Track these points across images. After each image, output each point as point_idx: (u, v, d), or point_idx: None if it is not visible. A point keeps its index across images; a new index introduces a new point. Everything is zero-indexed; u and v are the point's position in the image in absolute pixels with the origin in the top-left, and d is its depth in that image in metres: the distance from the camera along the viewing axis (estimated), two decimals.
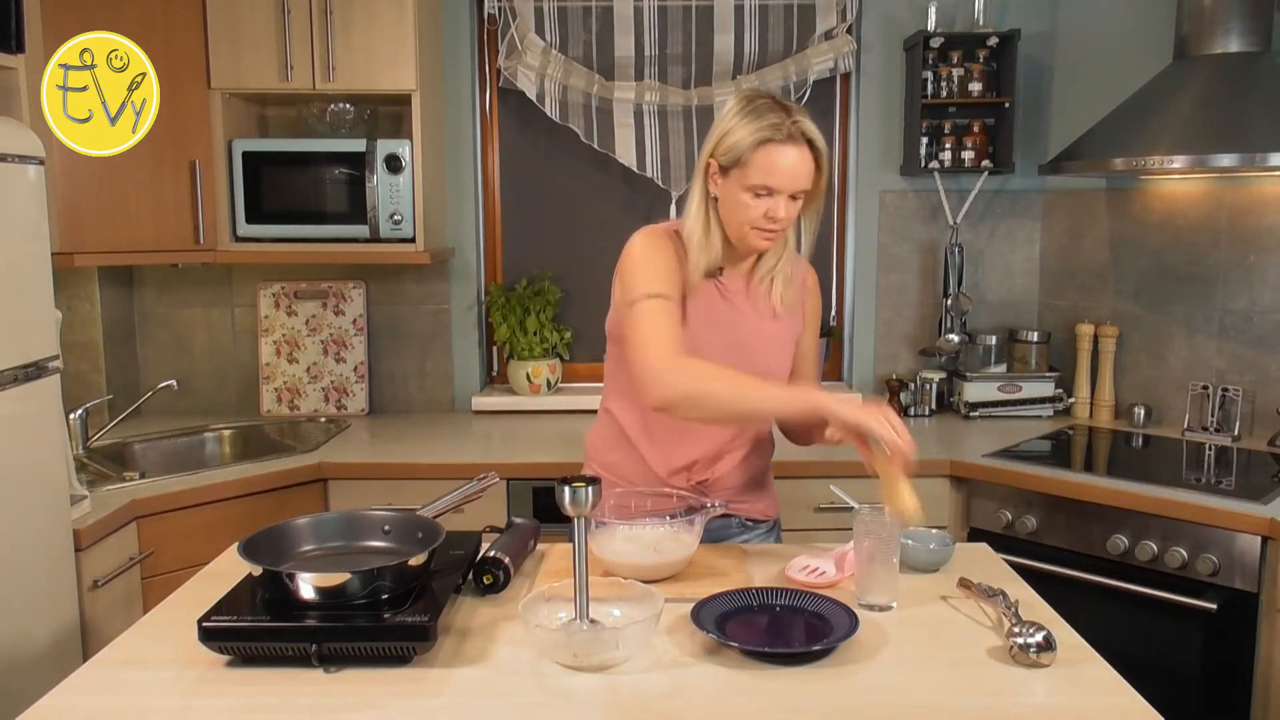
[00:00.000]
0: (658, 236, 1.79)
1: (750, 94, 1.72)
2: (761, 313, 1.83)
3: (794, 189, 1.69)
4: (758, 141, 1.66)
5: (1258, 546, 2.12)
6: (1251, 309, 2.75)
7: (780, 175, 1.66)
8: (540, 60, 3.07)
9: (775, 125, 1.65)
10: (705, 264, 1.77)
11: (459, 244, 3.17)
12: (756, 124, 1.66)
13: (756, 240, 1.74)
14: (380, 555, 1.53)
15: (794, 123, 1.66)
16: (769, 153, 1.66)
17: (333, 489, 2.61)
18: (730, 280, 1.82)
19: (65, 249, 2.55)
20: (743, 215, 1.70)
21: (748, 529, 1.94)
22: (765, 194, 1.68)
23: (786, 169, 1.66)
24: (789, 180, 1.67)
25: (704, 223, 1.76)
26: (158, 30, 2.62)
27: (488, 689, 1.30)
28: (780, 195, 1.68)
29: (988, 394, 3.03)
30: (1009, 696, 1.28)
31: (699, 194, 1.77)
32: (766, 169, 1.66)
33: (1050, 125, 3.09)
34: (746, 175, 1.68)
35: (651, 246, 1.77)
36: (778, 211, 1.68)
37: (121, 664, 1.38)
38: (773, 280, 1.82)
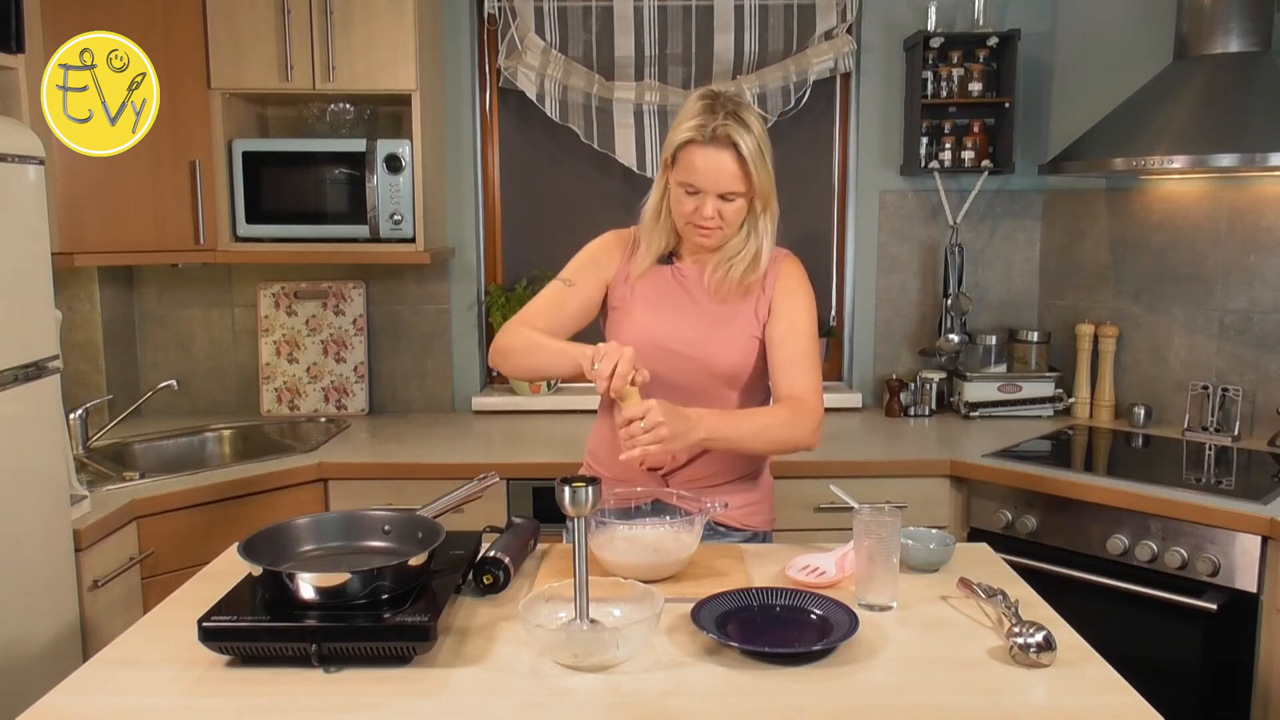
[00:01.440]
0: (613, 234, 1.95)
1: (705, 91, 1.77)
2: (712, 297, 1.85)
3: (717, 190, 1.73)
4: (683, 140, 1.73)
5: (1258, 546, 2.12)
6: (1251, 309, 2.75)
7: (700, 175, 1.72)
8: (540, 60, 3.07)
9: (699, 126, 1.71)
10: (655, 248, 1.86)
11: (459, 244, 3.17)
12: (689, 123, 1.73)
13: (694, 236, 1.81)
14: (380, 555, 1.53)
15: (719, 125, 1.70)
16: (690, 153, 1.73)
17: (333, 489, 2.61)
18: (685, 266, 1.88)
19: (65, 249, 2.55)
20: (679, 210, 1.79)
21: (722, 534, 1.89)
22: (694, 192, 1.75)
23: (704, 170, 1.72)
24: (709, 180, 1.72)
25: (657, 209, 1.85)
26: (158, 30, 2.62)
27: (488, 689, 1.30)
28: (706, 195, 1.73)
29: (988, 394, 3.03)
30: (1009, 696, 1.28)
31: (658, 182, 1.85)
32: (688, 167, 1.73)
33: (1050, 125, 3.09)
34: (677, 172, 1.76)
35: (598, 242, 1.94)
36: (704, 209, 1.74)
37: (121, 664, 1.38)
38: (731, 264, 1.82)
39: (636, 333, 1.83)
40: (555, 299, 1.88)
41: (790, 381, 1.79)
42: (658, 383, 1.81)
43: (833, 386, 3.27)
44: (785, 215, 1.86)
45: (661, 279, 1.88)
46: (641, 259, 1.88)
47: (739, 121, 1.71)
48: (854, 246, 3.22)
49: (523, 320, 1.85)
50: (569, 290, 1.88)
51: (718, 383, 1.84)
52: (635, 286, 1.88)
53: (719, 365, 1.83)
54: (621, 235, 1.95)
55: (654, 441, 1.56)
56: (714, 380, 1.84)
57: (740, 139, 1.70)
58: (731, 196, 1.74)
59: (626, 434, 1.58)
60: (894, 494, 2.52)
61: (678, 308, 1.86)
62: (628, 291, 1.89)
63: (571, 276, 1.90)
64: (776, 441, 1.78)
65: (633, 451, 1.57)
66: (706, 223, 1.76)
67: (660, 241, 1.87)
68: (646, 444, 1.56)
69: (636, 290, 1.88)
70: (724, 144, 1.70)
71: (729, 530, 1.90)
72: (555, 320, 1.86)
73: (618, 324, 1.88)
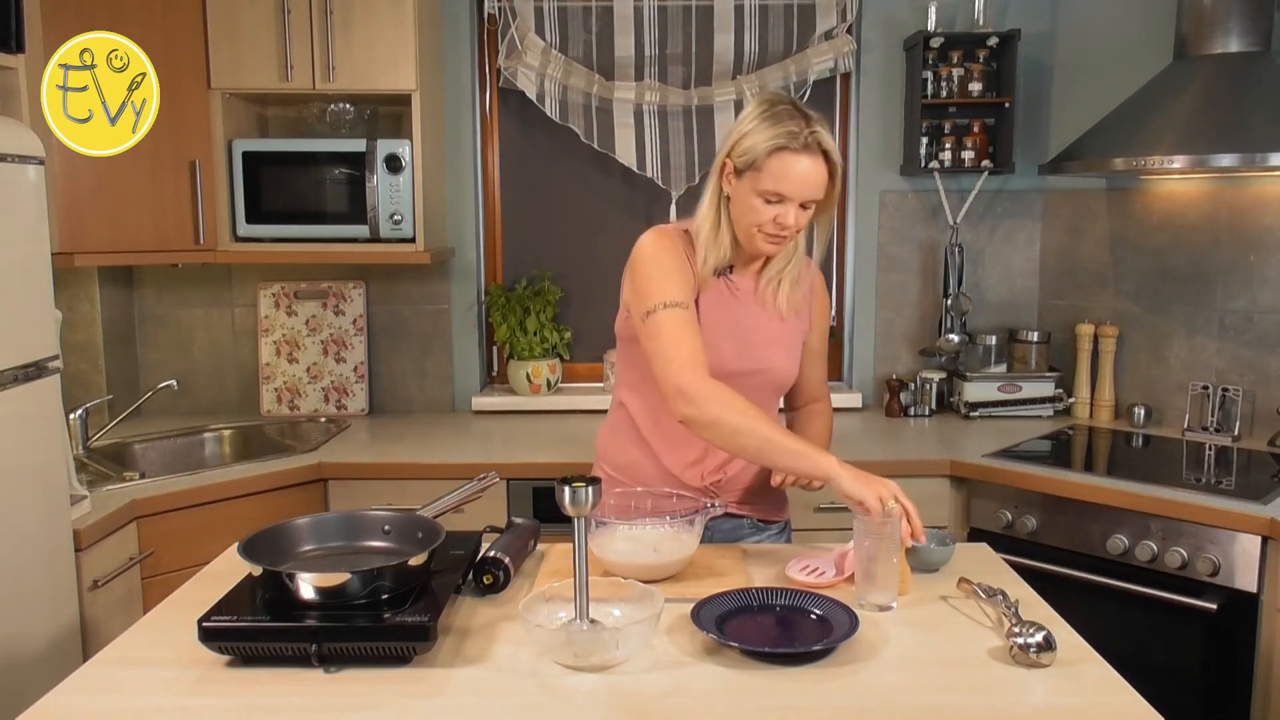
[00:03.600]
0: (667, 237, 1.80)
1: (772, 98, 1.73)
2: (769, 313, 1.84)
3: (805, 197, 1.70)
4: (773, 148, 1.66)
5: (1258, 546, 2.12)
6: (1251, 309, 2.75)
7: (792, 183, 1.67)
8: (540, 60, 3.07)
9: (793, 134, 1.66)
10: (714, 261, 1.79)
11: (459, 244, 3.17)
12: (774, 130, 1.67)
13: (763, 245, 1.75)
14: (380, 555, 1.53)
15: (811, 133, 1.67)
16: (783, 160, 1.66)
17: (333, 489, 2.61)
18: (739, 279, 1.84)
19: (65, 249, 2.55)
20: (752, 218, 1.72)
21: (760, 529, 1.94)
22: (776, 200, 1.69)
23: (799, 178, 1.67)
24: (801, 189, 1.68)
25: (714, 220, 1.78)
26: (158, 30, 2.62)
27: (488, 689, 1.30)
28: (791, 203, 1.69)
29: (988, 394, 3.03)
30: (1009, 696, 1.28)
31: (712, 191, 1.78)
32: (779, 176, 1.67)
33: (1050, 125, 3.09)
34: (759, 180, 1.69)
35: (663, 247, 1.78)
36: (787, 218, 1.70)
37: (121, 664, 1.38)
38: (780, 282, 1.83)
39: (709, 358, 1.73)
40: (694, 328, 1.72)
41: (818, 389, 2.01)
42: None
43: (833, 386, 3.25)
44: None
45: (719, 295, 1.82)
46: (701, 272, 1.79)
47: (825, 129, 1.69)
48: (854, 246, 3.22)
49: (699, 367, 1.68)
50: (690, 314, 1.73)
51: (773, 393, 1.90)
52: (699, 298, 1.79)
53: (780, 378, 1.88)
54: (680, 236, 1.81)
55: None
56: (772, 391, 1.89)
57: (829, 146, 1.69)
58: (810, 204, 1.72)
59: (917, 529, 1.60)
60: None
61: (738, 326, 1.82)
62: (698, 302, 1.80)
63: (680, 298, 1.73)
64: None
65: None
66: (784, 231, 1.72)
67: (720, 254, 1.79)
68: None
69: (699, 306, 1.79)
70: (816, 151, 1.68)
71: (766, 524, 1.95)
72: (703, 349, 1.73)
73: None
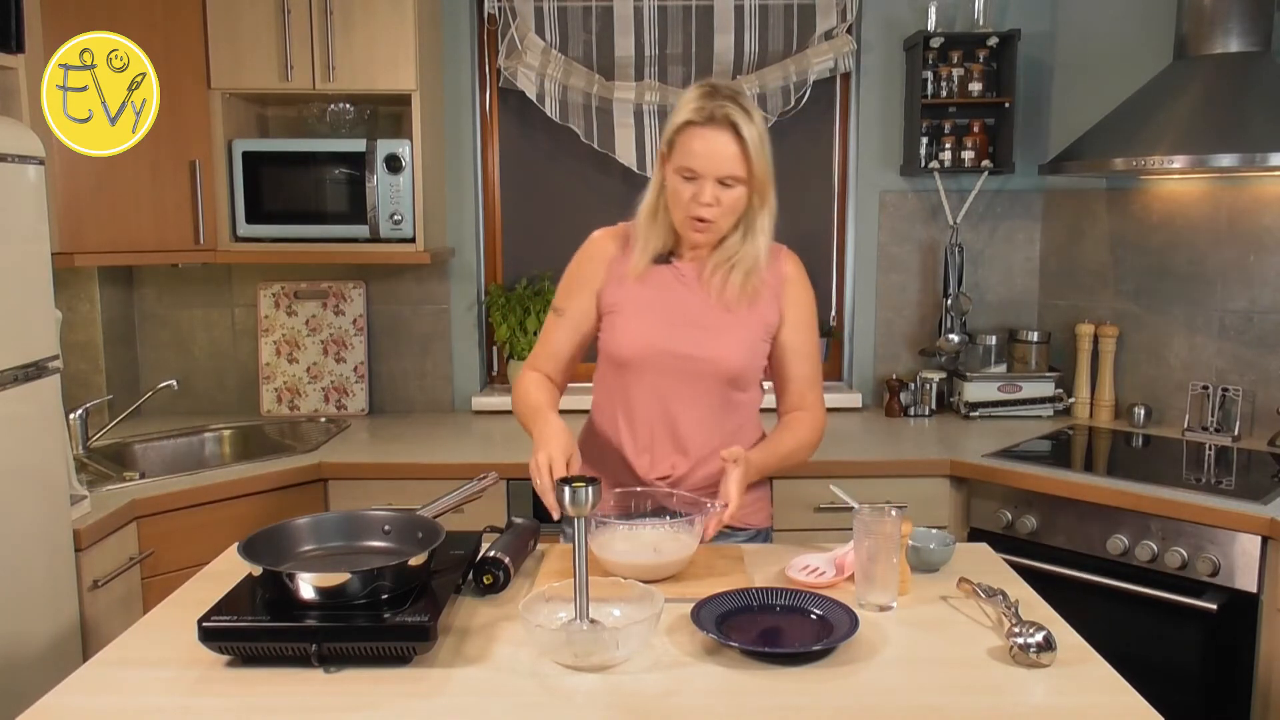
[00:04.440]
0: (595, 240, 1.90)
1: (701, 83, 1.76)
2: (714, 302, 1.81)
3: (715, 173, 1.69)
4: (681, 124, 1.70)
5: (1258, 546, 2.12)
6: (1251, 309, 2.75)
7: (699, 157, 1.69)
8: (540, 60, 3.07)
9: (698, 108, 1.69)
10: (653, 247, 1.82)
11: (459, 244, 3.17)
12: (687, 107, 1.71)
13: (689, 233, 1.76)
14: (380, 555, 1.53)
15: (718, 106, 1.68)
16: (689, 134, 1.70)
17: (333, 489, 2.61)
18: (684, 266, 1.84)
19: (65, 249, 2.55)
20: (676, 200, 1.74)
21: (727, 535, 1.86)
22: (690, 177, 1.70)
23: (704, 152, 1.68)
24: (708, 163, 1.68)
25: (653, 206, 1.81)
26: (158, 30, 2.62)
27: (488, 689, 1.30)
28: (704, 180, 1.69)
29: (988, 394, 3.03)
30: (1009, 696, 1.28)
31: (654, 179, 1.82)
32: (686, 150, 1.70)
33: (1050, 125, 3.09)
34: (674, 158, 1.72)
35: (581, 253, 1.89)
36: (702, 195, 1.70)
37: (121, 664, 1.38)
38: (731, 270, 1.79)
39: (635, 337, 1.81)
40: (551, 335, 1.89)
41: (803, 394, 1.88)
42: (661, 387, 1.81)
43: (833, 386, 3.27)
44: (785, 215, 1.84)
45: (660, 278, 1.83)
46: (638, 258, 1.82)
47: (739, 106, 1.69)
48: (854, 246, 3.22)
49: (530, 364, 1.89)
50: (562, 321, 1.87)
51: (721, 384, 1.83)
52: (631, 288, 1.83)
53: (725, 366, 1.81)
54: (612, 233, 1.90)
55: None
56: (718, 381, 1.82)
57: (740, 121, 1.68)
58: (730, 182, 1.70)
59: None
60: (894, 494, 2.52)
61: (680, 307, 1.81)
62: (623, 294, 1.83)
63: (560, 304, 1.88)
64: (802, 462, 1.88)
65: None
66: (704, 210, 1.71)
67: (658, 240, 1.82)
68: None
69: (633, 291, 1.83)
70: (723, 125, 1.68)
71: (732, 530, 1.88)
72: (558, 356, 1.88)
73: (613, 328, 1.83)
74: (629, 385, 1.84)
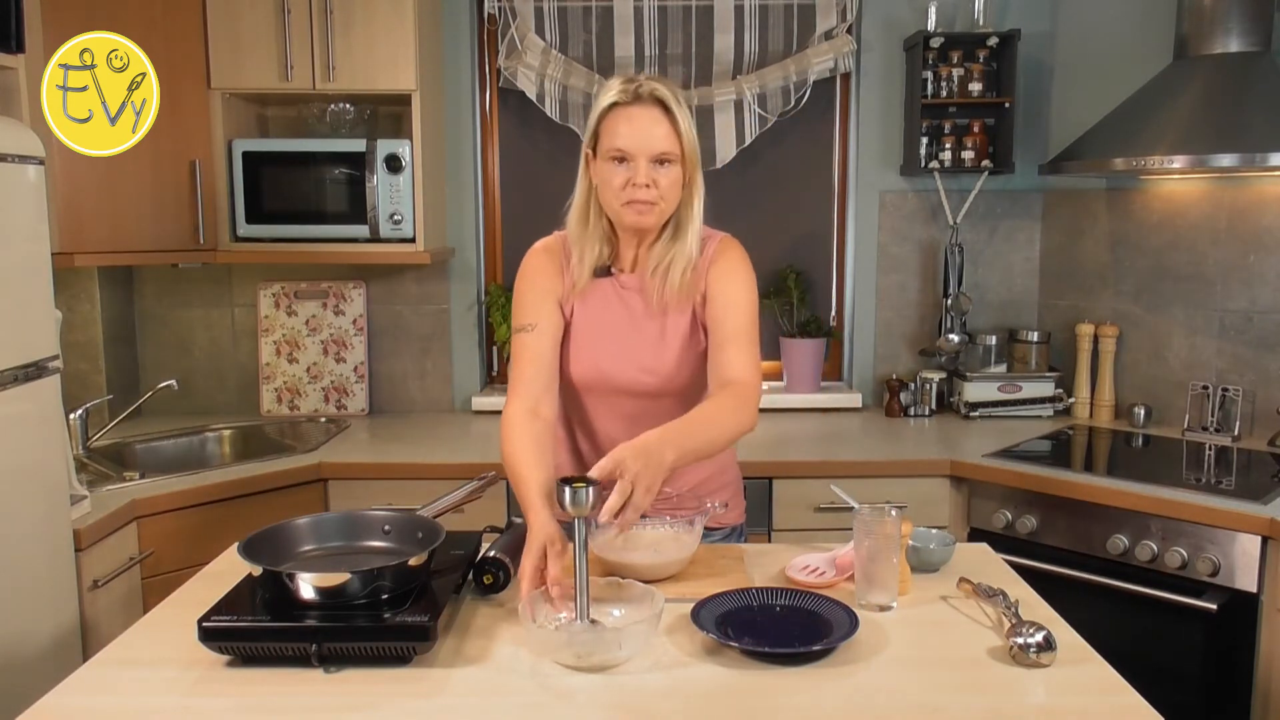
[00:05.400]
0: (546, 249, 1.82)
1: (621, 75, 1.73)
2: (652, 309, 1.77)
3: (649, 151, 1.65)
4: (606, 107, 1.68)
5: (1258, 546, 2.12)
6: (1251, 309, 2.75)
7: (629, 136, 1.65)
8: (540, 60, 3.07)
9: (622, 90, 1.67)
10: (590, 258, 1.76)
11: (459, 244, 3.17)
12: (609, 93, 1.69)
13: (629, 216, 1.69)
14: (380, 555, 1.53)
15: (640, 85, 1.66)
16: (616, 117, 1.67)
17: (333, 489, 2.61)
18: (625, 277, 1.79)
19: (65, 249, 2.54)
20: (609, 189, 1.69)
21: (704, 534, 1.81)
22: (621, 159, 1.67)
23: (635, 129, 1.65)
24: (640, 141, 1.65)
25: (583, 213, 1.77)
26: (158, 30, 2.62)
27: (488, 689, 1.30)
28: (638, 159, 1.65)
29: (988, 394, 3.03)
30: (1009, 696, 1.28)
31: (580, 184, 1.77)
32: (614, 131, 1.67)
33: (1050, 125, 3.09)
34: (603, 145, 1.69)
35: (528, 266, 1.81)
36: (637, 175, 1.65)
37: (121, 664, 1.38)
38: (669, 269, 1.74)
39: (587, 366, 1.77)
40: (529, 355, 1.74)
41: (727, 361, 1.71)
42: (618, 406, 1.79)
43: (833, 386, 3.27)
44: (785, 215, 1.84)
45: (602, 297, 1.78)
46: (577, 272, 1.76)
47: (664, 85, 1.68)
48: (854, 246, 3.22)
49: (514, 398, 1.71)
50: (536, 335, 1.75)
51: (672, 400, 1.79)
52: (575, 307, 1.78)
53: (678, 384, 1.79)
54: (549, 247, 1.82)
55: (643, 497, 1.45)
56: (675, 397, 1.79)
57: (666, 98, 1.66)
58: (664, 160, 1.66)
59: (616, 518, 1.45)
60: (894, 494, 2.52)
61: (626, 331, 1.77)
62: (568, 313, 1.79)
63: (528, 319, 1.76)
64: (731, 435, 1.67)
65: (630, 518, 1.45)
66: (641, 193, 1.66)
67: (594, 249, 1.76)
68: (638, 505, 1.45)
69: (577, 312, 1.78)
70: (650, 102, 1.66)
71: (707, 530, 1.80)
72: (544, 373, 1.74)
73: (565, 353, 1.79)
74: (586, 406, 1.83)
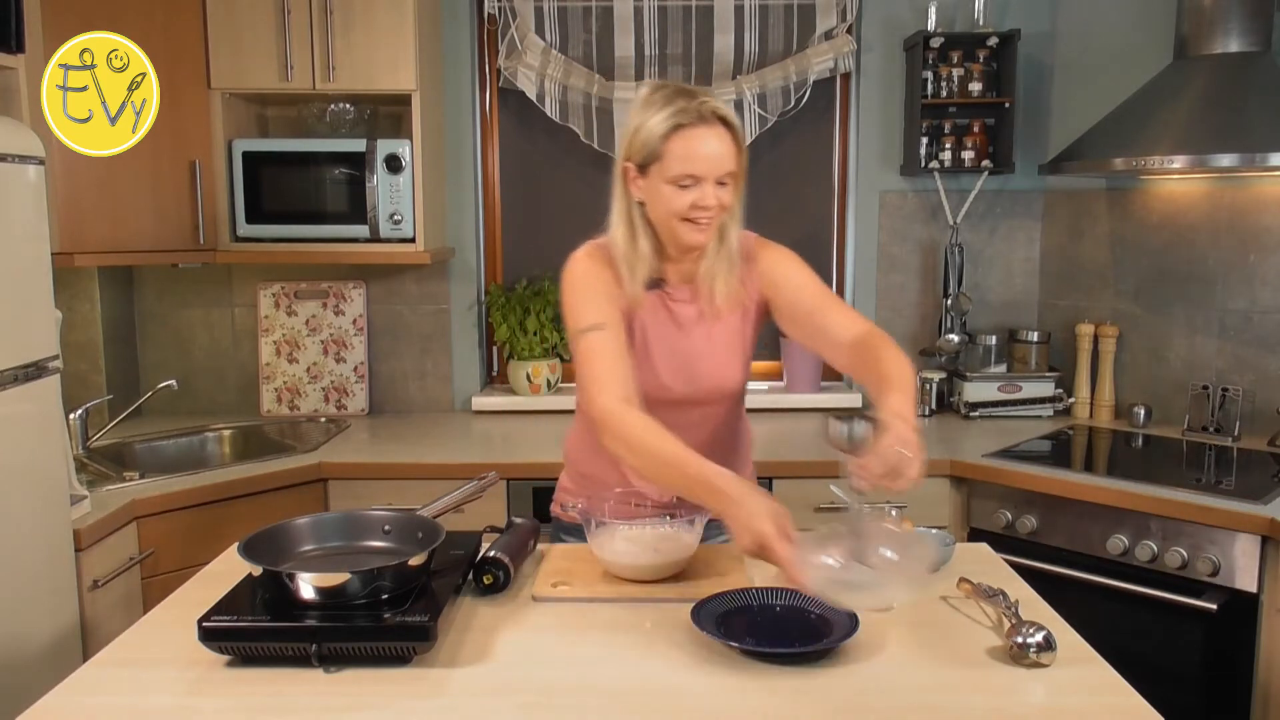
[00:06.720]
0: (593, 257, 1.72)
1: (654, 84, 1.67)
2: (706, 316, 1.75)
3: (717, 173, 1.61)
4: (669, 129, 1.59)
5: (1258, 546, 2.12)
6: (1251, 309, 2.75)
7: (700, 160, 1.59)
8: (540, 60, 3.07)
9: (683, 109, 1.59)
10: (642, 275, 1.70)
11: (459, 244, 3.17)
12: (665, 111, 1.59)
13: (689, 235, 1.64)
14: (380, 555, 1.53)
15: (702, 103, 1.59)
16: (683, 138, 1.59)
17: (333, 489, 2.61)
18: (675, 289, 1.76)
19: (65, 249, 2.54)
20: (669, 211, 1.63)
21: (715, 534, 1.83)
22: (690, 184, 1.60)
23: (705, 153, 1.59)
24: (710, 164, 1.60)
25: (628, 231, 1.69)
26: (158, 30, 2.62)
27: (488, 689, 1.30)
28: (705, 182, 1.60)
29: (988, 394, 3.03)
30: (1009, 696, 1.28)
31: (619, 201, 1.70)
32: (684, 156, 1.59)
33: (1050, 125, 3.09)
34: (666, 168, 1.61)
35: (588, 270, 1.70)
36: (706, 200, 1.61)
37: (121, 664, 1.38)
38: (715, 279, 1.72)
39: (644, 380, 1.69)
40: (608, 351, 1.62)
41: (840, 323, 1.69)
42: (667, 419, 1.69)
43: (833, 386, 3.27)
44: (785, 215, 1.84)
45: (655, 313, 1.74)
46: (629, 288, 1.70)
47: (713, 96, 1.63)
48: (854, 246, 3.22)
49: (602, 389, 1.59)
50: (611, 331, 1.64)
51: (723, 406, 1.82)
52: (633, 327, 1.72)
53: (729, 390, 1.80)
54: (598, 255, 1.73)
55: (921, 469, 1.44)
56: (721, 405, 1.81)
57: (726, 113, 1.61)
58: (727, 180, 1.63)
59: (894, 469, 1.44)
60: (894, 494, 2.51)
61: (680, 342, 1.75)
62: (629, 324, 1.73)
63: (597, 318, 1.64)
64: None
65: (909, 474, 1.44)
66: (704, 215, 1.62)
67: (645, 265, 1.70)
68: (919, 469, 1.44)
69: (634, 329, 1.73)
70: (714, 121, 1.60)
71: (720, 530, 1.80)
72: (625, 369, 1.63)
73: None
74: None
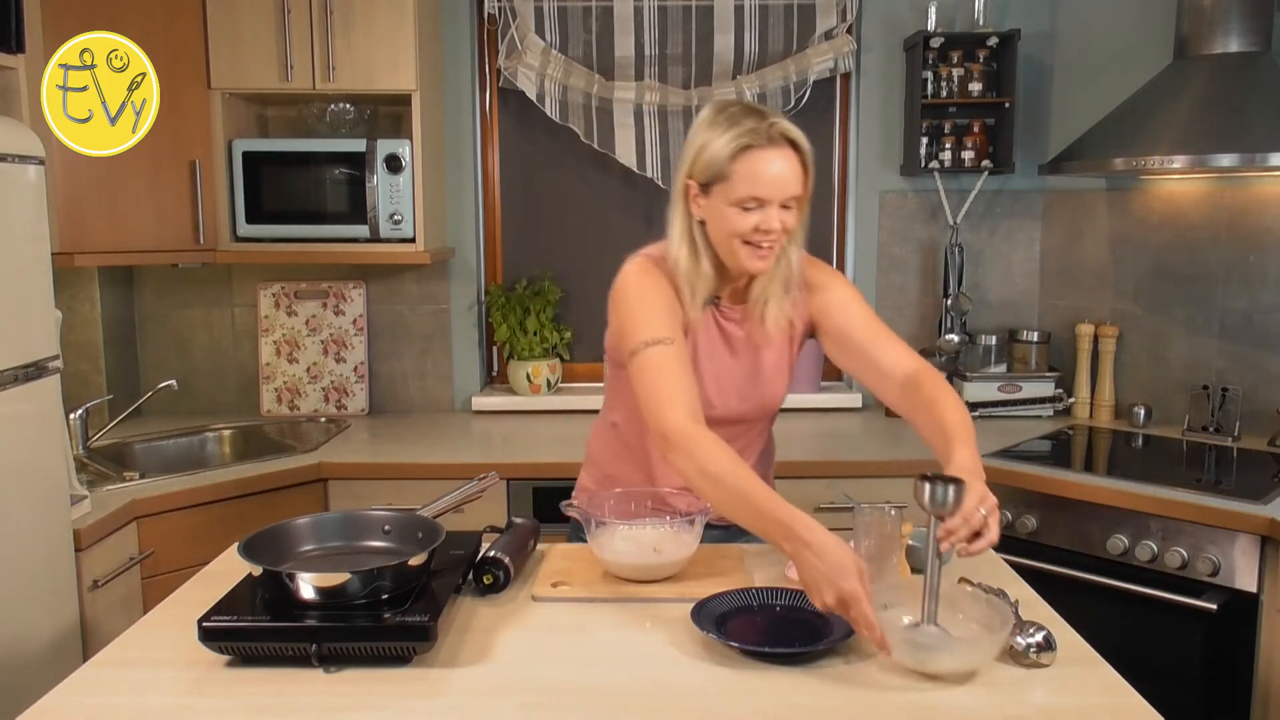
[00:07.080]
0: (650, 268, 1.67)
1: (719, 104, 1.63)
2: (756, 340, 1.73)
3: (783, 196, 1.57)
4: (737, 150, 1.54)
5: (1258, 546, 2.12)
6: (1251, 309, 2.75)
7: (767, 183, 1.55)
8: (540, 60, 3.07)
9: (753, 130, 1.54)
10: (702, 293, 1.67)
11: (459, 244, 3.17)
12: (732, 132, 1.55)
13: (750, 261, 1.61)
14: (380, 555, 1.53)
15: (771, 125, 1.55)
16: (751, 160, 1.55)
17: (333, 489, 2.61)
18: (728, 308, 1.74)
19: (65, 249, 2.55)
20: (731, 232, 1.59)
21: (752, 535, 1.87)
22: (754, 206, 1.57)
23: (773, 175, 1.55)
24: (777, 187, 1.56)
25: (690, 249, 1.65)
26: (158, 30, 2.62)
27: (488, 689, 1.30)
28: (770, 205, 1.57)
29: (988, 394, 3.03)
30: (1009, 696, 1.28)
31: (680, 219, 1.65)
32: (751, 178, 1.55)
33: (1050, 125, 3.09)
34: (730, 189, 1.56)
35: (650, 282, 1.65)
36: (770, 223, 1.57)
37: (121, 664, 1.38)
38: (767, 302, 1.69)
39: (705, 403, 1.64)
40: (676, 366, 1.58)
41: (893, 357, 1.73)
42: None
43: (833, 386, 3.27)
44: None
45: (707, 330, 1.71)
46: (689, 306, 1.66)
47: (783, 116, 1.59)
48: (854, 246, 3.22)
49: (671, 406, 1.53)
50: (674, 350, 1.59)
51: (762, 424, 1.85)
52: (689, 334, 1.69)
53: (771, 408, 1.82)
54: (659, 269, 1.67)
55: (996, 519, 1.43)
56: (760, 423, 1.84)
57: (796, 135, 1.57)
58: (792, 203, 1.59)
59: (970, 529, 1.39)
60: (894, 494, 2.51)
61: (728, 360, 1.73)
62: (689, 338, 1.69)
63: (665, 334, 1.59)
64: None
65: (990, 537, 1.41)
66: (768, 238, 1.58)
67: (706, 284, 1.66)
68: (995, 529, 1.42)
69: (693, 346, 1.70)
70: (782, 143, 1.56)
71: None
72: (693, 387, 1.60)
73: None
74: None
